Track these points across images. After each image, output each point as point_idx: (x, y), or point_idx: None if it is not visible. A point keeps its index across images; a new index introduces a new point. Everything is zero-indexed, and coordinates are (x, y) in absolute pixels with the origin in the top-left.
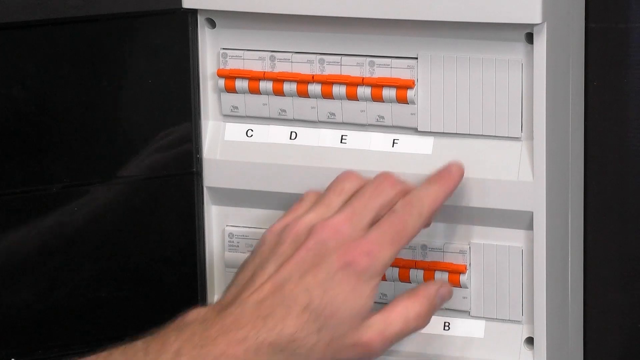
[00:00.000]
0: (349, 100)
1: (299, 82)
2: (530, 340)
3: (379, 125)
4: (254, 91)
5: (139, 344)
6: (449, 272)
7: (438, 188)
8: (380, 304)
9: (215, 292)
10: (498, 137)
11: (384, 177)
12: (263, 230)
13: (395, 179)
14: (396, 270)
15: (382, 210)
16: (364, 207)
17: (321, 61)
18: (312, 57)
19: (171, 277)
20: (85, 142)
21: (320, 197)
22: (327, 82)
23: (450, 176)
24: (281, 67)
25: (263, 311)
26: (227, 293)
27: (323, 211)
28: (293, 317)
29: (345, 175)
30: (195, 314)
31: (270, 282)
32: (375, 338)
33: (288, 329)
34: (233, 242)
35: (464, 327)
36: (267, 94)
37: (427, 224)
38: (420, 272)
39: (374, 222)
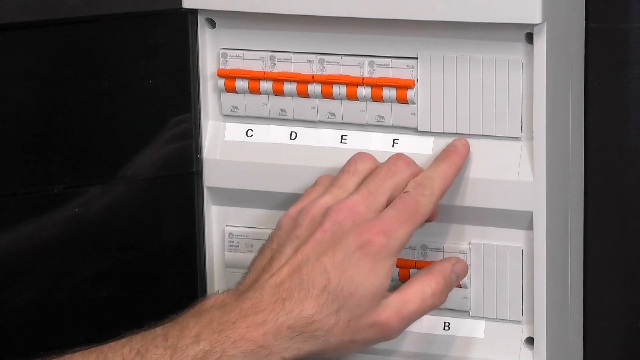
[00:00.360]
0: (349, 100)
1: (299, 82)
2: (530, 340)
3: (379, 125)
4: (254, 91)
5: (158, 330)
6: None
7: (447, 166)
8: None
9: (215, 292)
10: (498, 137)
11: (398, 157)
12: (263, 230)
13: (408, 160)
14: (396, 270)
15: (396, 191)
16: (378, 187)
17: (321, 61)
18: (312, 57)
19: (171, 277)
20: (86, 143)
21: (334, 179)
22: (327, 82)
23: (457, 152)
24: (281, 67)
25: (281, 294)
26: (246, 278)
27: (338, 193)
28: (312, 299)
29: (359, 156)
30: (213, 300)
31: (288, 265)
32: (393, 317)
33: (307, 311)
34: (233, 242)
35: (464, 327)
36: (267, 94)
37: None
38: None
39: (389, 202)
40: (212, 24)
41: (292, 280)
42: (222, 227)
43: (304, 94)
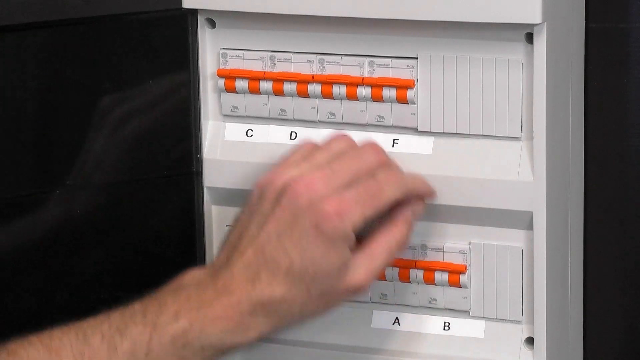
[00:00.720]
0: (349, 100)
1: (299, 82)
2: (530, 340)
3: (379, 125)
4: (254, 91)
5: (136, 306)
6: (449, 272)
7: (420, 182)
8: (381, 303)
9: None
10: (498, 137)
11: (370, 144)
12: None
13: (379, 148)
14: (396, 270)
15: (361, 175)
16: (342, 167)
17: (321, 61)
18: (312, 57)
19: (171, 277)
20: (86, 143)
21: (311, 151)
22: (327, 82)
23: (429, 188)
24: (281, 67)
25: (250, 275)
26: (221, 254)
27: (305, 167)
28: (279, 280)
29: (337, 136)
30: (190, 277)
31: (253, 246)
32: (363, 277)
33: (277, 292)
34: None
35: (464, 327)
36: (267, 94)
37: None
38: (420, 272)
39: (351, 184)
40: (212, 24)
41: (258, 261)
42: (222, 227)
43: (304, 94)
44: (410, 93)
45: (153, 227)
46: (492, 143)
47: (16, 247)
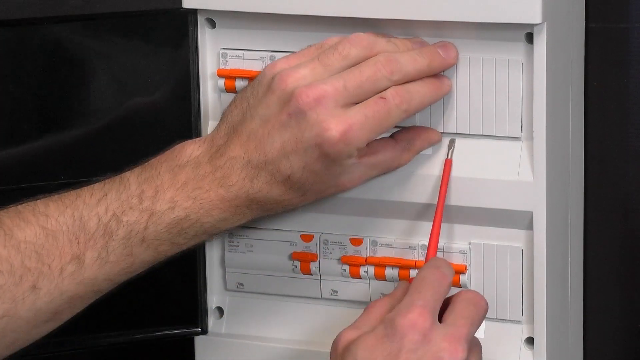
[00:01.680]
0: None
1: None
2: (530, 340)
3: None
4: None
5: (132, 187)
6: None
7: (430, 91)
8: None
9: (214, 292)
10: (498, 137)
11: (387, 61)
12: (262, 231)
13: (396, 67)
14: (396, 270)
15: (371, 94)
16: (356, 87)
17: None
18: None
19: (171, 277)
20: (85, 142)
21: (324, 52)
22: None
23: (443, 85)
24: None
25: (250, 173)
26: (220, 128)
27: (319, 71)
28: (278, 184)
29: (357, 40)
30: (188, 154)
31: (254, 142)
32: (357, 182)
33: (274, 193)
34: (233, 242)
35: None
36: None
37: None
38: None
39: (360, 101)
40: (212, 24)
41: (259, 159)
42: None
43: None
44: None
45: None
46: (492, 143)
47: None
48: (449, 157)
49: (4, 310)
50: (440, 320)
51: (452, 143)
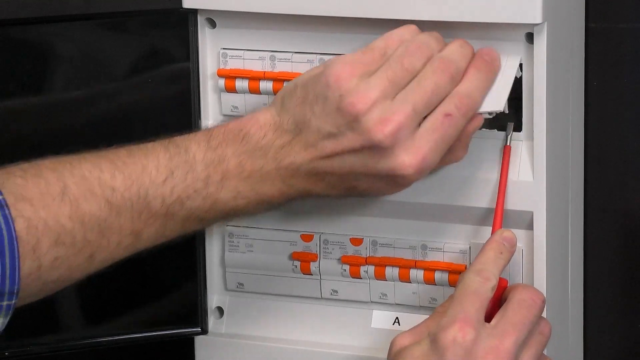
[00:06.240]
0: None
1: None
2: None
3: None
4: (254, 91)
5: (199, 170)
6: (449, 272)
7: (486, 78)
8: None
9: (214, 292)
10: (498, 137)
11: (444, 66)
12: (262, 231)
13: (453, 70)
14: (396, 270)
15: (437, 103)
16: (424, 106)
17: (321, 61)
18: (312, 57)
19: (171, 277)
20: (85, 142)
21: (393, 66)
22: None
23: (494, 61)
24: (281, 67)
25: (312, 178)
26: (282, 118)
27: (388, 92)
28: (339, 190)
29: (416, 48)
30: (255, 140)
31: (321, 153)
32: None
33: (333, 195)
34: (233, 242)
35: None
36: (267, 93)
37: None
38: (421, 272)
39: (428, 125)
40: (212, 24)
41: (325, 172)
42: (222, 227)
43: None
44: None
45: None
46: (492, 143)
47: None
48: (508, 143)
49: (58, 275)
50: (491, 319)
51: (509, 129)
